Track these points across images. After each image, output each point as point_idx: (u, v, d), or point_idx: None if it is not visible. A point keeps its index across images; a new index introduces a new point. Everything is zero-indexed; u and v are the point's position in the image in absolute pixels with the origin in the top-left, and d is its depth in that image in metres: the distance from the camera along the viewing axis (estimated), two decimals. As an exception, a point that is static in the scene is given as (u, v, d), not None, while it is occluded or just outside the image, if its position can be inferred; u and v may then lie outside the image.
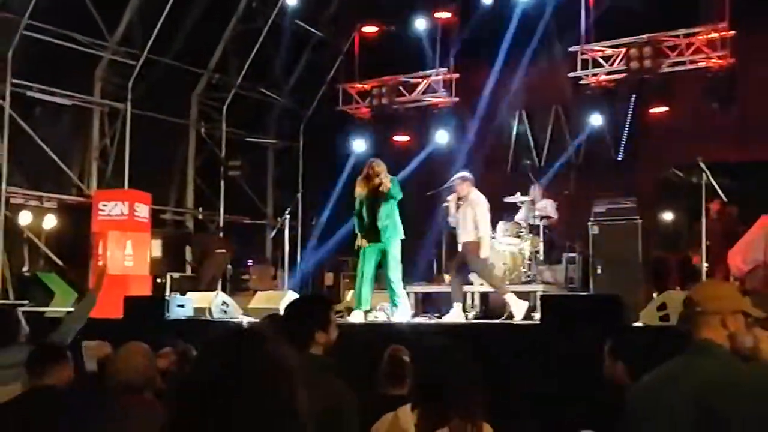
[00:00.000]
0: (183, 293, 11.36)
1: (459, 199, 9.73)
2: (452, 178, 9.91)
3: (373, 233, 9.43)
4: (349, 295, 10.85)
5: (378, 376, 5.24)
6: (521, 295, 9.61)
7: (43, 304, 12.06)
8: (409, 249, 10.88)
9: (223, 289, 13.13)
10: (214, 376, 1.70)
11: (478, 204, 9.60)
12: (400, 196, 9.40)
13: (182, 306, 10.24)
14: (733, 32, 12.11)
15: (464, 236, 9.61)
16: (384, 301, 9.81)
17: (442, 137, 14.53)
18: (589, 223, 10.74)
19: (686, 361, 3.07)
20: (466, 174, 9.91)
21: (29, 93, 13.15)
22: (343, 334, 3.91)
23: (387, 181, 9.36)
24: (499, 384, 6.88)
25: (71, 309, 12.30)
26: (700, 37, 12.43)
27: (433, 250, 13.08)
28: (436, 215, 12.91)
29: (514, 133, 14.88)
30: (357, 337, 7.60)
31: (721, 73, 12.12)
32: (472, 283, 10.47)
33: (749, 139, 12.88)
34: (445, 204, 10.02)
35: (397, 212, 9.46)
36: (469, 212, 9.57)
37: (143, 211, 13.26)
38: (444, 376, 3.48)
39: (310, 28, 16.15)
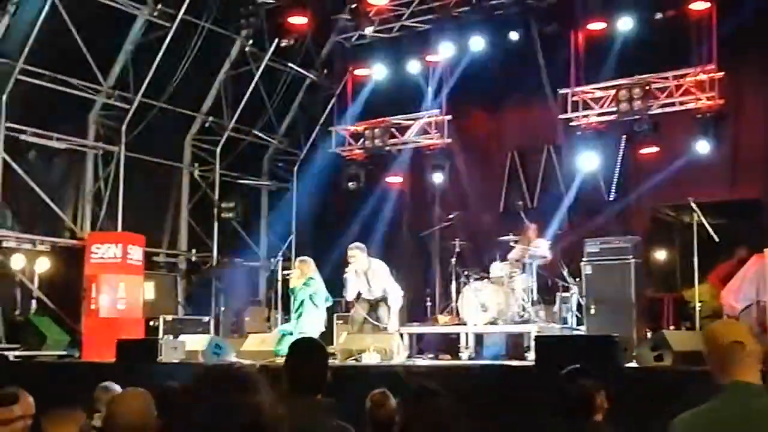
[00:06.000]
0: (176, 336, 11.31)
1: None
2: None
3: None
4: (343, 336, 10.81)
5: (365, 419, 5.21)
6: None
7: (35, 348, 11.99)
8: (402, 289, 10.91)
9: (216, 332, 13.08)
10: (211, 420, 1.71)
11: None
12: None
13: (175, 348, 10.19)
14: (722, 73, 12.24)
15: None
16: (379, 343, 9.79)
17: (434, 178, 14.57)
18: (582, 263, 10.75)
19: (733, 401, 3.03)
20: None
21: (23, 137, 13.20)
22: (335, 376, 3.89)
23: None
24: (493, 426, 6.85)
25: (63, 352, 12.31)
26: (689, 79, 12.55)
27: (426, 290, 13.06)
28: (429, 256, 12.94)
29: (506, 173, 14.92)
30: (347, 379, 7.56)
31: (710, 114, 12.22)
32: None
33: (739, 178, 12.96)
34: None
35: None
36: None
37: (136, 253, 13.24)
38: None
39: (302, 71, 16.29)
